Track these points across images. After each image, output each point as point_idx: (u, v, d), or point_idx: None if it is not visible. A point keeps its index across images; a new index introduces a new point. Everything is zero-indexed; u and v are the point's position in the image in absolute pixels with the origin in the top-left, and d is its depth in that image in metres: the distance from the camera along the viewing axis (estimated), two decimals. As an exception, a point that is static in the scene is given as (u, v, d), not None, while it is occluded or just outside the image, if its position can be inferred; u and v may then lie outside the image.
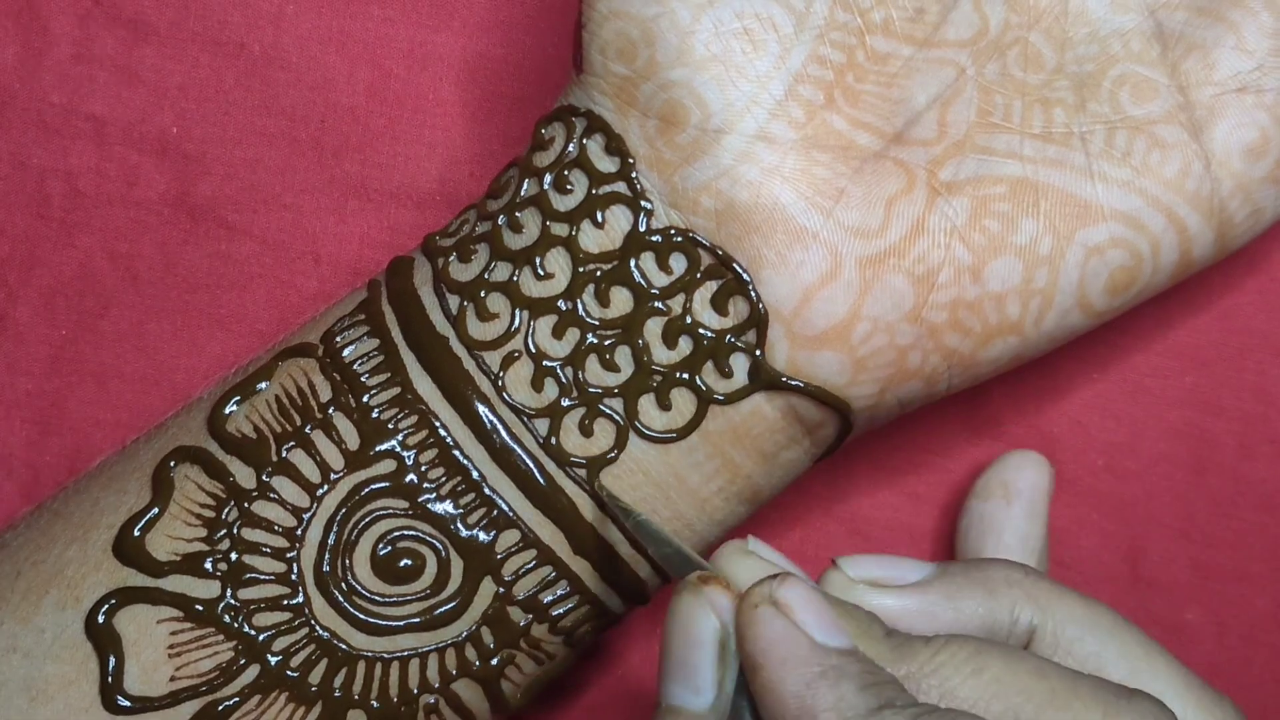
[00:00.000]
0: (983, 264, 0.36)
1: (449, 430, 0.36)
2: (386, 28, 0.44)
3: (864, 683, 0.29)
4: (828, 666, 0.30)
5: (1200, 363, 0.44)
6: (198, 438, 0.37)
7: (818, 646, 0.30)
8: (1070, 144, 0.36)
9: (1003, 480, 0.42)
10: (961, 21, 0.37)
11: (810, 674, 0.29)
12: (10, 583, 0.36)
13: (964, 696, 0.30)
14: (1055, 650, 0.33)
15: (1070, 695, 0.30)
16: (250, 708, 0.35)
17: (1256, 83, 0.36)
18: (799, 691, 0.29)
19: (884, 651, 0.31)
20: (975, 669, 0.30)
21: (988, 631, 0.33)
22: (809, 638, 0.30)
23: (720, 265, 0.36)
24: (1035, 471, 0.42)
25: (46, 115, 0.44)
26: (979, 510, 0.42)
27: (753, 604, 0.30)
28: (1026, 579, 0.34)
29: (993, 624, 0.33)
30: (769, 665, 0.30)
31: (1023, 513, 0.41)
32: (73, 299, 0.45)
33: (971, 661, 0.31)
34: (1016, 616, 0.33)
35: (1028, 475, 0.42)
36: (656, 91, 0.36)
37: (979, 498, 0.42)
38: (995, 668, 0.31)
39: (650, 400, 0.36)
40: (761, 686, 0.30)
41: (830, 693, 0.29)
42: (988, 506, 0.42)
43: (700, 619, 0.31)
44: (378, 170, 0.44)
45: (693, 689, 0.31)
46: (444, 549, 0.36)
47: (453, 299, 0.37)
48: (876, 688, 0.29)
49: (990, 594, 0.34)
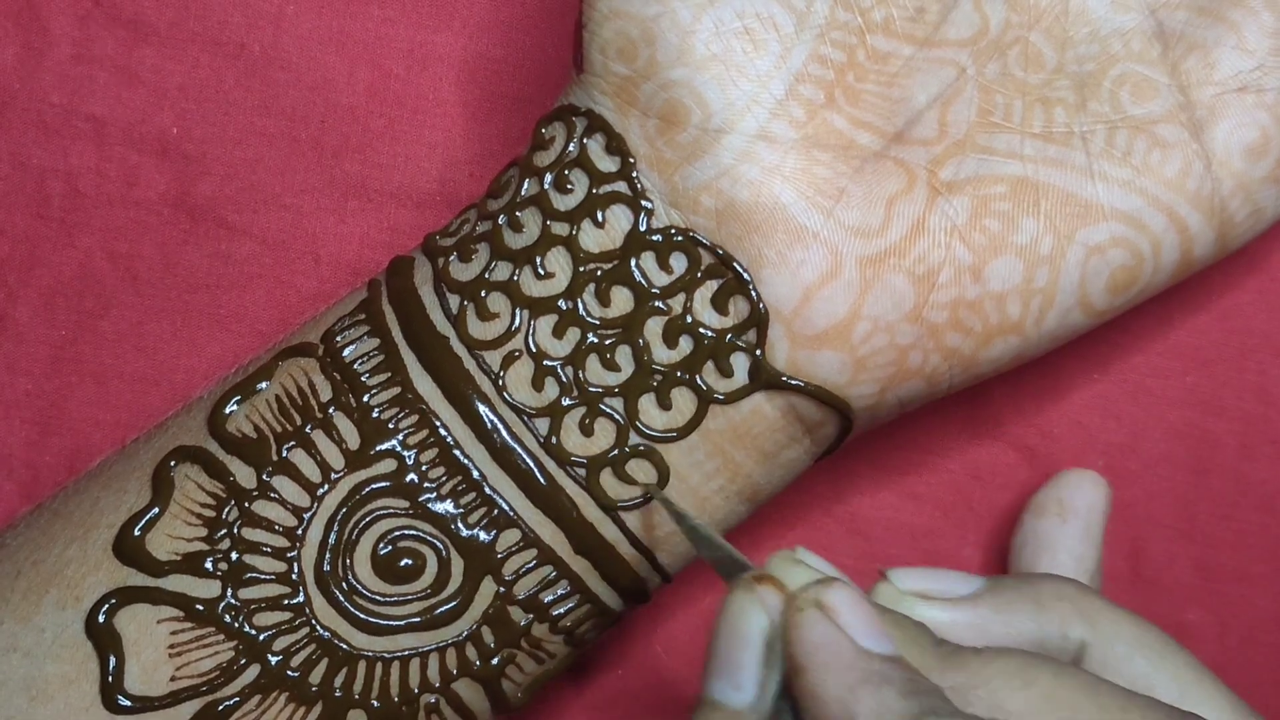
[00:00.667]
0: (983, 263, 0.36)
1: (449, 430, 0.36)
2: (386, 28, 0.44)
3: (906, 689, 0.29)
4: (871, 672, 0.29)
5: (1201, 363, 0.44)
6: (198, 437, 0.37)
7: (862, 651, 0.30)
8: (1071, 143, 0.36)
9: (1059, 498, 0.42)
10: (962, 21, 0.37)
11: (853, 678, 0.29)
12: (10, 582, 0.36)
13: (1013, 709, 0.30)
14: (1104, 668, 0.33)
15: (1121, 713, 0.30)
16: (250, 708, 0.35)
17: (1257, 82, 0.36)
18: (841, 695, 0.29)
19: (933, 661, 0.31)
20: (1025, 682, 0.30)
21: (1038, 646, 0.33)
22: (853, 642, 0.30)
23: (721, 265, 0.36)
24: (1093, 490, 0.42)
25: (46, 115, 0.44)
26: (1033, 527, 0.42)
27: (799, 606, 0.30)
28: (1078, 594, 0.34)
29: (1043, 639, 0.33)
30: (812, 668, 0.30)
31: (1078, 532, 0.41)
32: (73, 299, 0.45)
33: (1022, 674, 0.30)
34: (1067, 632, 0.33)
35: (1085, 494, 0.42)
36: (657, 91, 0.36)
37: (1034, 514, 0.42)
38: (1045, 681, 0.30)
39: (650, 400, 0.36)
40: (804, 689, 0.30)
41: (872, 698, 0.29)
42: (1042, 524, 0.41)
43: (750, 616, 0.31)
44: (378, 170, 0.44)
45: (735, 685, 0.31)
46: (444, 548, 0.36)
47: (453, 298, 0.37)
48: (919, 696, 0.29)
49: (1041, 609, 0.33)
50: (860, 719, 0.29)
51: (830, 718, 0.29)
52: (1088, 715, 0.30)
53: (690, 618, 0.44)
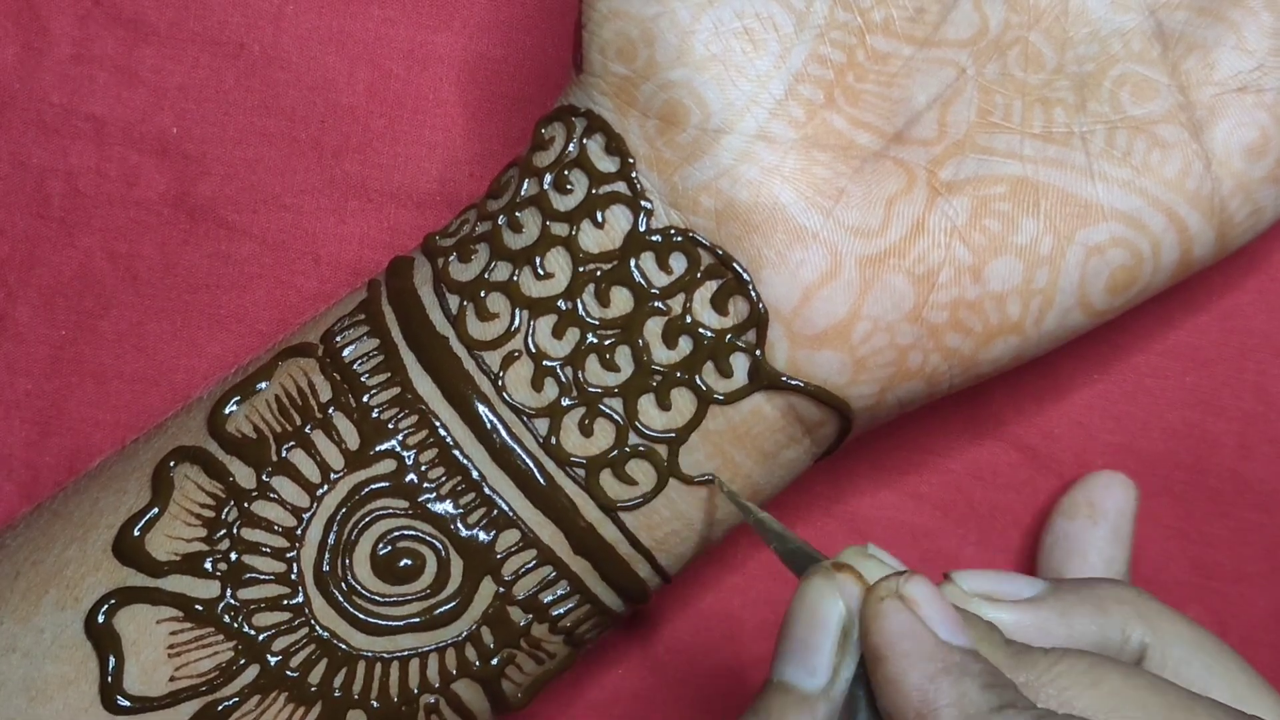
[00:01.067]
0: (983, 264, 0.36)
1: (449, 430, 0.36)
2: (386, 28, 0.44)
3: (986, 682, 0.30)
4: (951, 663, 0.30)
5: (1200, 363, 0.44)
6: (198, 438, 0.37)
7: (941, 643, 0.30)
8: (1070, 144, 0.36)
9: (1089, 500, 0.42)
10: (961, 21, 0.37)
11: (934, 669, 0.30)
12: (9, 583, 0.36)
13: (1081, 707, 0.30)
14: (1163, 671, 0.33)
15: (1187, 713, 0.30)
16: (250, 708, 0.35)
17: (1257, 82, 0.36)
18: (922, 685, 0.29)
19: (1003, 658, 0.31)
20: (1094, 680, 0.31)
21: (1099, 648, 0.33)
22: (933, 634, 0.30)
23: (720, 265, 0.36)
24: (1122, 493, 0.42)
25: (46, 115, 0.44)
26: (1064, 529, 0.42)
27: (880, 596, 0.31)
28: (1138, 598, 0.34)
29: (1104, 641, 0.34)
30: (893, 657, 0.30)
31: (1108, 535, 0.41)
32: (72, 299, 0.45)
33: (1090, 673, 0.31)
34: (1128, 635, 0.34)
35: (1115, 496, 0.42)
36: (656, 91, 0.36)
37: (1065, 515, 0.42)
38: (1114, 681, 0.31)
39: (650, 400, 0.36)
40: (884, 678, 0.30)
41: (953, 689, 0.29)
42: (1073, 526, 0.42)
43: (828, 603, 0.31)
44: (378, 170, 0.44)
45: (808, 670, 0.31)
46: (444, 549, 0.36)
47: (453, 299, 0.37)
48: (999, 688, 0.29)
49: (1103, 612, 0.34)
50: (940, 709, 0.29)
51: (910, 707, 0.29)
52: (1154, 714, 0.30)
53: (690, 618, 0.44)
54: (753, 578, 0.44)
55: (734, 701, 0.45)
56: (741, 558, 0.44)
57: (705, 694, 0.44)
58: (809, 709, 0.31)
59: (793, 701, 0.31)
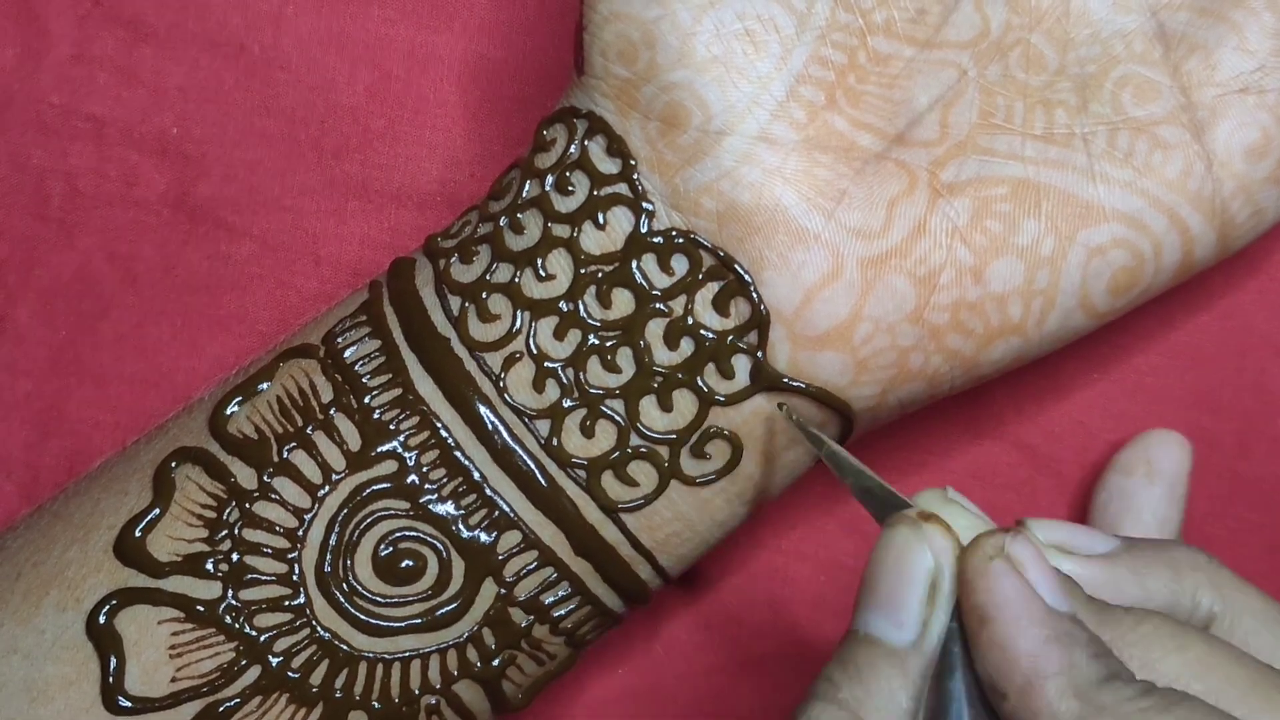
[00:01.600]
0: (984, 265, 0.36)
1: (450, 431, 0.36)
2: (387, 29, 0.44)
3: (1094, 651, 0.29)
4: (1060, 631, 0.29)
5: (1200, 362, 0.44)
6: (199, 438, 0.37)
7: (1050, 609, 0.29)
8: (1072, 145, 0.36)
9: (1146, 458, 0.41)
10: (963, 23, 0.37)
11: (1043, 635, 0.29)
12: (10, 584, 0.36)
13: (1165, 671, 0.30)
14: (1231, 638, 0.33)
15: (1272, 688, 0.30)
16: (251, 709, 0.35)
17: (1258, 83, 0.36)
18: (1032, 650, 0.29)
19: (1089, 612, 0.30)
20: (1179, 646, 0.30)
21: (1170, 611, 0.33)
22: (1042, 600, 0.30)
23: (722, 266, 0.36)
24: (1179, 453, 0.41)
25: (46, 115, 0.44)
26: (1119, 485, 0.41)
27: (987, 555, 0.30)
28: (1209, 564, 0.34)
29: (1175, 605, 0.33)
30: (1002, 620, 0.29)
31: (1164, 495, 0.41)
32: (72, 300, 0.44)
33: (1175, 639, 0.30)
34: (1198, 601, 0.33)
35: (1172, 455, 0.41)
36: (658, 93, 0.36)
37: (1120, 472, 0.41)
38: (1199, 648, 0.30)
39: (651, 401, 0.36)
40: (989, 640, 0.29)
41: (1063, 657, 0.29)
42: (1130, 483, 0.41)
43: (917, 555, 0.31)
44: (378, 171, 0.44)
45: (896, 623, 0.31)
46: (445, 550, 0.36)
47: (454, 300, 0.37)
48: (1105, 658, 0.29)
49: (1177, 575, 0.33)
50: (1049, 677, 0.29)
51: (1018, 672, 0.29)
52: (1240, 685, 0.30)
53: (690, 618, 0.45)
54: (754, 578, 0.44)
55: (734, 702, 0.45)
56: (742, 558, 0.44)
57: (705, 694, 0.44)
58: (899, 663, 0.30)
59: (882, 654, 0.30)
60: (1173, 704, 0.28)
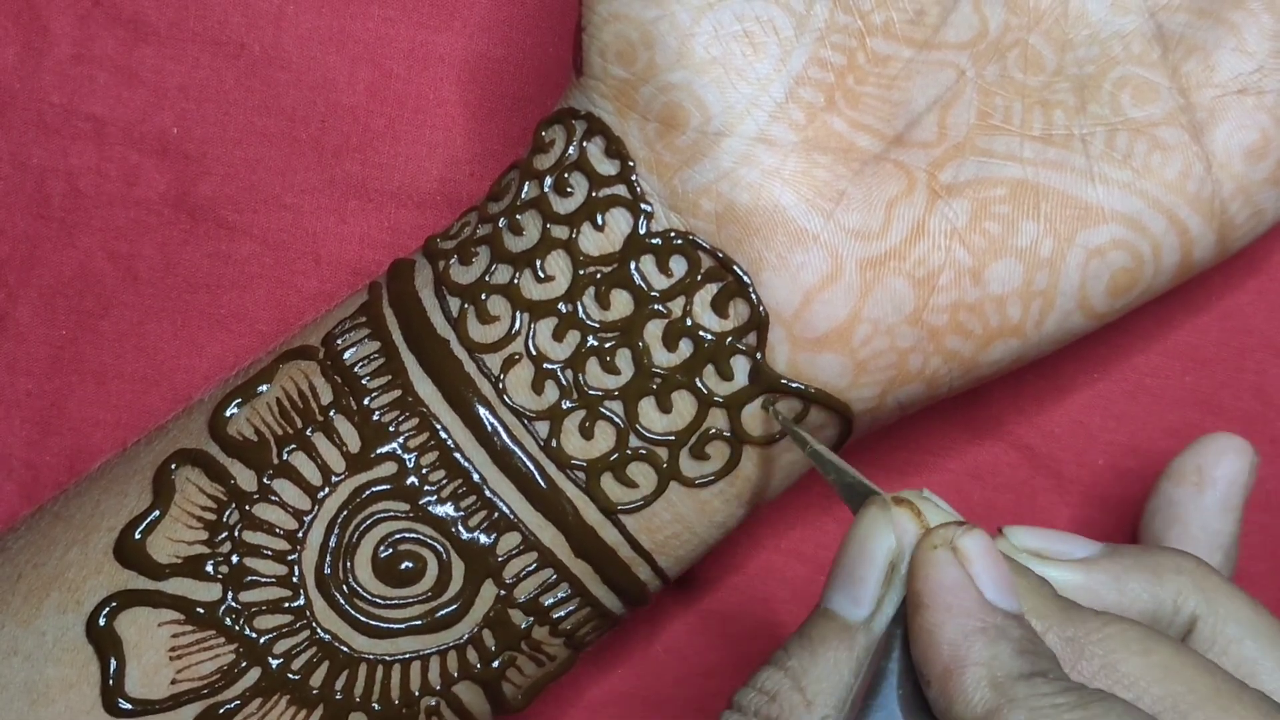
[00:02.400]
0: (983, 266, 0.36)
1: (450, 433, 0.36)
2: (387, 28, 0.44)
3: (1022, 648, 0.29)
4: (990, 624, 0.30)
5: (1200, 363, 0.44)
6: (198, 440, 0.37)
7: (985, 603, 0.30)
8: (1071, 146, 0.36)
9: (1198, 465, 0.40)
10: (961, 23, 0.37)
11: (970, 626, 0.29)
12: (11, 585, 0.36)
13: (1126, 672, 0.30)
14: (1213, 647, 0.33)
15: (1233, 699, 0.30)
16: (251, 710, 0.35)
17: (1257, 84, 0.36)
18: (955, 640, 0.29)
19: (1054, 610, 0.31)
20: (1144, 650, 0.30)
21: (1150, 618, 0.33)
22: (978, 592, 0.30)
23: (720, 268, 0.36)
24: (1236, 460, 0.39)
25: (46, 115, 0.44)
26: (1168, 494, 0.40)
27: (932, 544, 0.30)
28: (1197, 569, 0.34)
29: (1156, 610, 0.33)
30: (934, 607, 0.30)
31: (1215, 504, 0.39)
32: (73, 299, 0.45)
33: (1141, 642, 0.30)
34: (1180, 605, 0.33)
35: (1227, 463, 0.39)
36: (656, 94, 0.36)
37: (1170, 480, 0.40)
38: (1164, 653, 0.30)
39: (650, 403, 0.36)
40: (920, 626, 0.30)
41: (985, 649, 0.29)
42: (1178, 492, 0.40)
43: (879, 535, 0.31)
44: (378, 171, 0.44)
45: (854, 599, 0.31)
46: (445, 551, 0.36)
47: (454, 301, 0.37)
48: (1033, 655, 0.29)
49: (1157, 580, 0.33)
50: (969, 667, 0.29)
51: (940, 660, 0.29)
52: (1201, 693, 0.30)
53: (690, 618, 0.45)
54: (753, 578, 0.44)
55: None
56: (741, 558, 0.45)
57: (704, 694, 0.44)
58: (848, 638, 0.31)
59: (835, 629, 0.31)
60: (1090, 701, 0.28)
